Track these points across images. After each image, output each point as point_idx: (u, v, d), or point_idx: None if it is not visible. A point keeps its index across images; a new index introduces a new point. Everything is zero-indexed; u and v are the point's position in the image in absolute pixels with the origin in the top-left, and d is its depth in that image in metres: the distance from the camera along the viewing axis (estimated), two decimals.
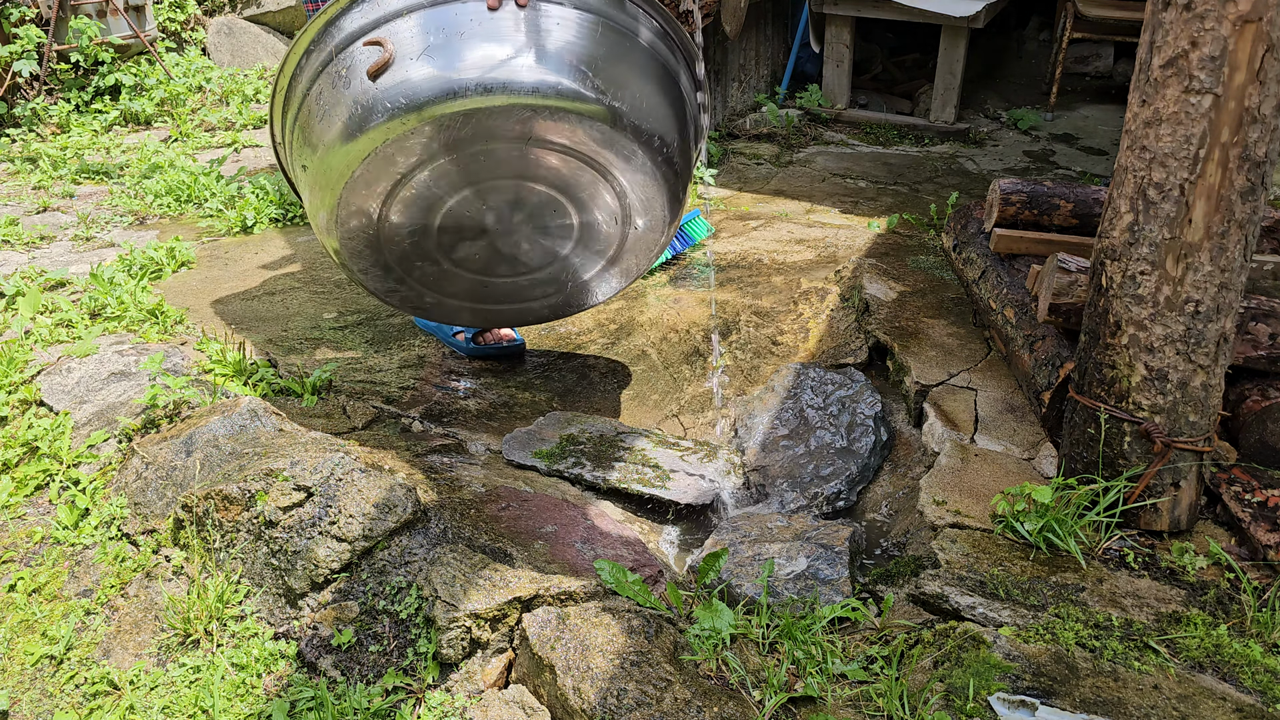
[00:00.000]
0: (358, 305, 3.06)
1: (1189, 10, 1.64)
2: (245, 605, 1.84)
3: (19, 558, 2.03)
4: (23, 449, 2.22)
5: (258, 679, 1.74)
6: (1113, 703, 1.47)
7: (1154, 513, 1.91)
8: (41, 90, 4.90)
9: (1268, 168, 1.71)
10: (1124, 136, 1.82)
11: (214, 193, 3.88)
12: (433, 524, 1.89)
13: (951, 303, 2.90)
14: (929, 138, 4.84)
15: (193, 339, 2.65)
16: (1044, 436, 2.28)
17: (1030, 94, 5.44)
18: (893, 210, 3.82)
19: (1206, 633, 1.65)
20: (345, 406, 2.47)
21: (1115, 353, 1.87)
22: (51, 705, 1.77)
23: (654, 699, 1.49)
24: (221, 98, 5.37)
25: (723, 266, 3.30)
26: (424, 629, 1.72)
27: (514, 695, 1.63)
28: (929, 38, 5.13)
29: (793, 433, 2.50)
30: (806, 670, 1.60)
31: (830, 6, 4.84)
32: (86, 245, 3.45)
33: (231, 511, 1.90)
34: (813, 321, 2.93)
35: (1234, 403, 2.13)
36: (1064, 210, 2.56)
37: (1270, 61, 1.62)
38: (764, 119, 4.85)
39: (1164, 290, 1.79)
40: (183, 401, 2.27)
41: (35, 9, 4.83)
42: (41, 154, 4.38)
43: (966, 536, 1.94)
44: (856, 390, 2.55)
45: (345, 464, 1.93)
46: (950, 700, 1.48)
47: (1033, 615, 1.68)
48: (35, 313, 2.72)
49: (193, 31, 5.99)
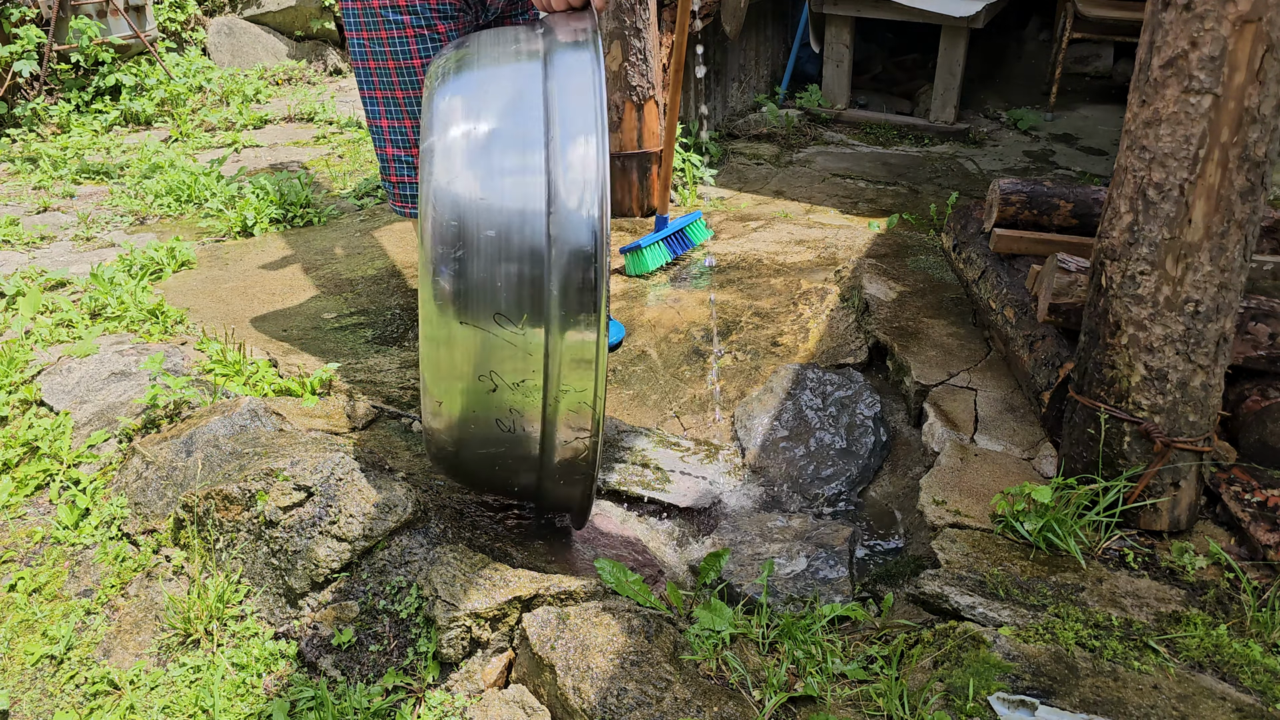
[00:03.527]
0: (358, 305, 3.06)
1: (1189, 10, 1.64)
2: (245, 605, 1.84)
3: (19, 557, 2.03)
4: (23, 449, 2.22)
5: (258, 679, 1.74)
6: (1113, 702, 1.47)
7: (1154, 513, 1.92)
8: (42, 90, 4.90)
9: (1267, 168, 1.71)
10: (1124, 136, 1.82)
11: (214, 193, 3.88)
12: (433, 524, 1.89)
13: (951, 303, 2.90)
14: (929, 138, 4.84)
15: (193, 339, 2.66)
16: (1044, 436, 2.28)
17: (1030, 94, 5.44)
18: (893, 210, 3.82)
19: (1206, 633, 1.65)
20: (345, 406, 2.47)
21: (1115, 353, 1.87)
22: (51, 705, 1.77)
23: (654, 699, 1.49)
24: (222, 98, 5.37)
25: (723, 267, 3.30)
26: (424, 628, 1.72)
27: (514, 695, 1.63)
28: (929, 38, 5.13)
29: (793, 433, 2.50)
30: (806, 670, 1.60)
31: (830, 6, 4.84)
32: (87, 245, 3.45)
33: (232, 511, 1.90)
34: (813, 322, 2.93)
35: (1234, 403, 2.13)
36: (1064, 210, 2.56)
37: (1270, 61, 1.62)
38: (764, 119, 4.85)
39: (1164, 290, 1.79)
40: (183, 401, 2.27)
41: (35, 9, 4.83)
42: (42, 154, 4.38)
43: (966, 536, 1.94)
44: (856, 391, 2.55)
45: (345, 464, 1.93)
46: (950, 700, 1.48)
47: (1032, 615, 1.68)
48: (35, 313, 2.72)
49: (193, 31, 5.99)
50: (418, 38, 2.18)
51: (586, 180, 1.51)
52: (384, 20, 2.16)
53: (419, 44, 2.19)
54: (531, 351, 1.55)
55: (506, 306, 1.52)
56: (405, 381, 2.64)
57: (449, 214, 1.49)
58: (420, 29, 2.17)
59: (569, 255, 1.50)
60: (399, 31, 2.17)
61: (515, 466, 1.72)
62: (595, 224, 1.50)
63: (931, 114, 4.89)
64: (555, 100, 1.55)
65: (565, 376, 1.57)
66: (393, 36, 2.18)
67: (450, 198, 1.50)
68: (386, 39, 2.19)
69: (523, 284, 1.51)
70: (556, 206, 1.50)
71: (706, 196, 4.04)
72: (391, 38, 2.18)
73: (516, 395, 1.59)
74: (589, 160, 1.52)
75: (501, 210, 1.50)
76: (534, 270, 1.51)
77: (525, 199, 1.51)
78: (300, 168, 4.39)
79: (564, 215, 1.50)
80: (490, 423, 1.63)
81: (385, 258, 3.39)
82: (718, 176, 4.29)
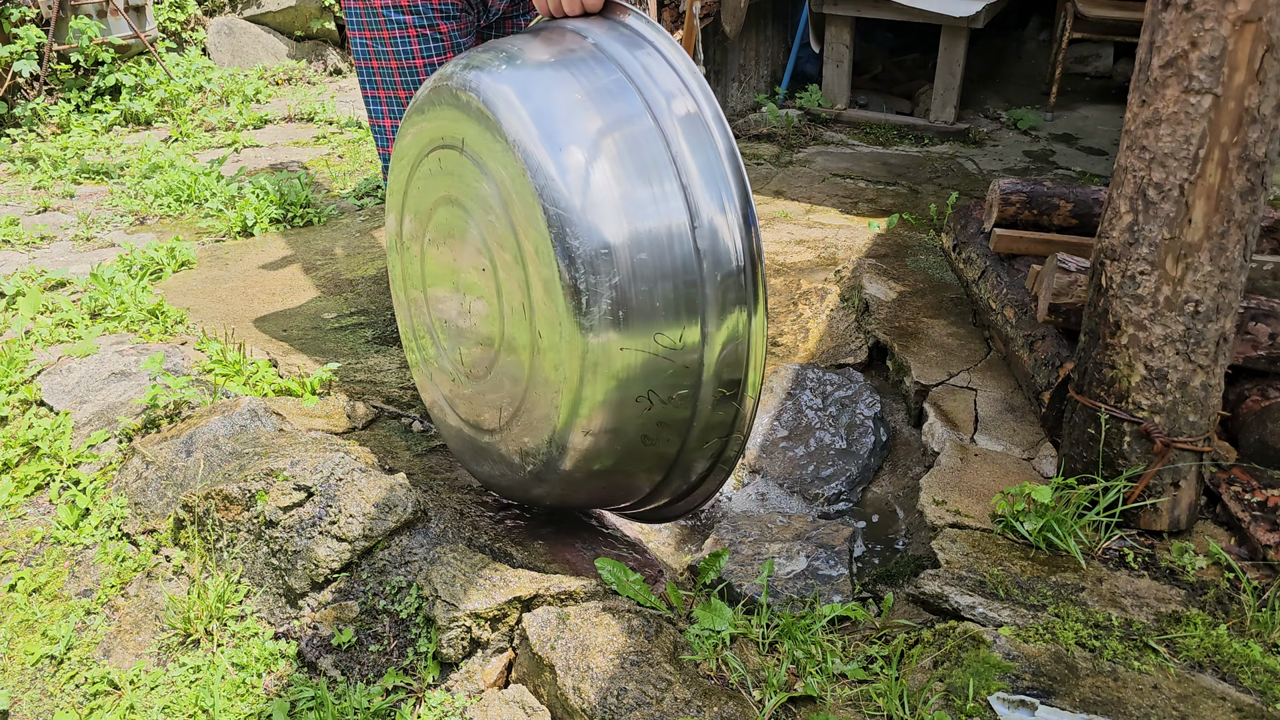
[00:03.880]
0: (358, 305, 3.06)
1: (1189, 10, 1.64)
2: (245, 605, 1.84)
3: (19, 557, 2.03)
4: (23, 449, 2.22)
5: (258, 679, 1.74)
6: (1112, 702, 1.47)
7: (1154, 513, 1.92)
8: (42, 90, 4.90)
9: (1267, 168, 1.71)
10: (1124, 136, 1.82)
11: (214, 193, 3.88)
12: (433, 524, 1.89)
13: (951, 303, 2.90)
14: (929, 138, 4.84)
15: (193, 339, 2.66)
16: (1044, 436, 2.28)
17: (1030, 94, 5.44)
18: (893, 210, 3.82)
19: (1206, 632, 1.65)
20: (345, 406, 2.47)
21: (1115, 353, 1.87)
22: (51, 705, 1.77)
23: (654, 699, 1.49)
24: (222, 98, 5.37)
25: None
26: (424, 628, 1.72)
27: (514, 695, 1.63)
28: (929, 38, 5.13)
29: (792, 433, 2.50)
30: (806, 670, 1.60)
31: (830, 6, 4.84)
32: (87, 245, 3.46)
33: (232, 511, 1.90)
34: (813, 322, 2.93)
35: (1234, 403, 2.13)
36: (1064, 210, 2.56)
37: (1270, 61, 1.62)
38: (764, 119, 4.85)
39: (1164, 290, 1.79)
40: (183, 401, 2.27)
41: (35, 9, 4.83)
42: (42, 154, 4.39)
43: (966, 536, 1.94)
44: (856, 391, 2.55)
45: (345, 464, 1.93)
46: (950, 700, 1.48)
47: (1032, 615, 1.68)
48: (35, 313, 2.72)
49: (193, 31, 5.99)
50: (420, 37, 2.18)
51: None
52: (386, 20, 2.16)
53: (421, 44, 2.19)
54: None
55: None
56: (405, 381, 2.64)
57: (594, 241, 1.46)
58: (423, 29, 2.17)
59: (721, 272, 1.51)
60: (401, 31, 2.17)
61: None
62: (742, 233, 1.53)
63: (931, 114, 4.89)
64: (663, 115, 1.53)
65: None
66: (395, 36, 2.18)
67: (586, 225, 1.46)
68: (389, 39, 2.19)
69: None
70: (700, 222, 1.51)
71: None
72: (394, 37, 2.18)
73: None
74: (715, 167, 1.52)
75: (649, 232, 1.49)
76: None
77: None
78: (300, 168, 4.39)
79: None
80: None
81: (385, 258, 3.39)
82: None
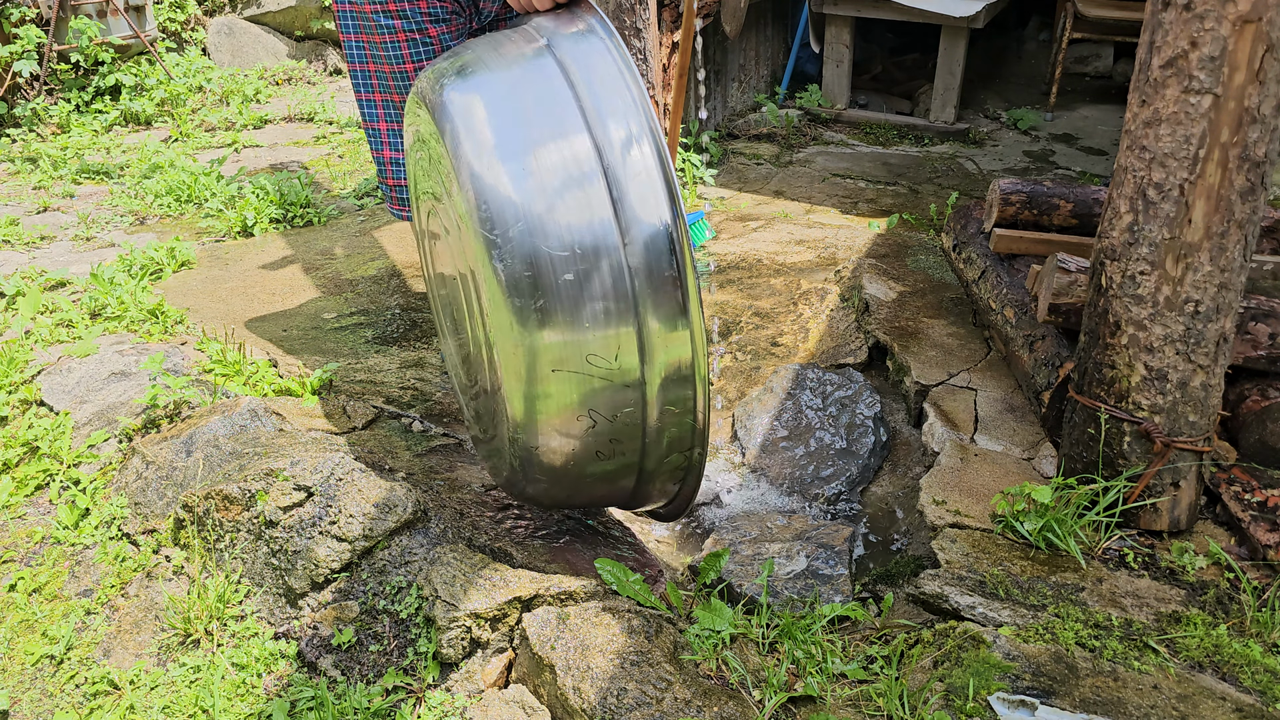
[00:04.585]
0: (358, 305, 3.06)
1: (1189, 10, 1.64)
2: (245, 605, 1.84)
3: (19, 557, 2.03)
4: (23, 449, 2.22)
5: (258, 679, 1.74)
6: (1112, 702, 1.47)
7: (1154, 513, 1.91)
8: (42, 90, 4.90)
9: (1267, 168, 1.71)
10: (1124, 136, 1.82)
11: (214, 193, 3.88)
12: (433, 524, 1.89)
13: (951, 303, 2.90)
14: (929, 138, 4.84)
15: (193, 339, 2.66)
16: (1044, 436, 2.28)
17: (1030, 94, 5.44)
18: (893, 210, 3.82)
19: (1206, 632, 1.65)
20: (345, 406, 2.47)
21: (1115, 353, 1.87)
22: (51, 705, 1.77)
23: (654, 699, 1.49)
24: (222, 98, 5.37)
25: (723, 267, 3.30)
26: (424, 629, 1.72)
27: (514, 695, 1.63)
28: (929, 38, 5.12)
29: (792, 433, 2.50)
30: (806, 670, 1.60)
31: (830, 6, 4.84)
32: (87, 245, 3.45)
33: (232, 511, 1.90)
34: (812, 322, 2.93)
35: (1234, 403, 2.13)
36: (1064, 210, 2.56)
37: (1270, 61, 1.62)
38: (764, 119, 4.85)
39: (1164, 290, 1.79)
40: (183, 401, 2.27)
41: (35, 9, 4.83)
42: (42, 154, 4.38)
43: (966, 536, 1.94)
44: (856, 391, 2.55)
45: (345, 464, 1.93)
46: (950, 700, 1.48)
47: (1032, 615, 1.68)
48: (35, 313, 2.72)
49: (193, 31, 5.99)
50: (409, 42, 2.18)
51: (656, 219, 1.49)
52: (375, 25, 2.16)
53: (410, 48, 2.19)
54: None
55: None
56: (405, 381, 2.64)
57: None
58: (411, 33, 2.17)
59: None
60: (390, 36, 2.17)
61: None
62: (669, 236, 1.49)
63: (931, 114, 4.89)
64: (587, 99, 1.50)
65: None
66: (384, 41, 2.18)
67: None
68: (379, 43, 2.19)
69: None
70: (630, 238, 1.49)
71: (706, 196, 4.04)
72: (384, 42, 2.18)
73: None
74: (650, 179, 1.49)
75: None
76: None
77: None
78: (300, 168, 4.39)
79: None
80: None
81: (385, 258, 3.39)
82: (718, 176, 4.29)
